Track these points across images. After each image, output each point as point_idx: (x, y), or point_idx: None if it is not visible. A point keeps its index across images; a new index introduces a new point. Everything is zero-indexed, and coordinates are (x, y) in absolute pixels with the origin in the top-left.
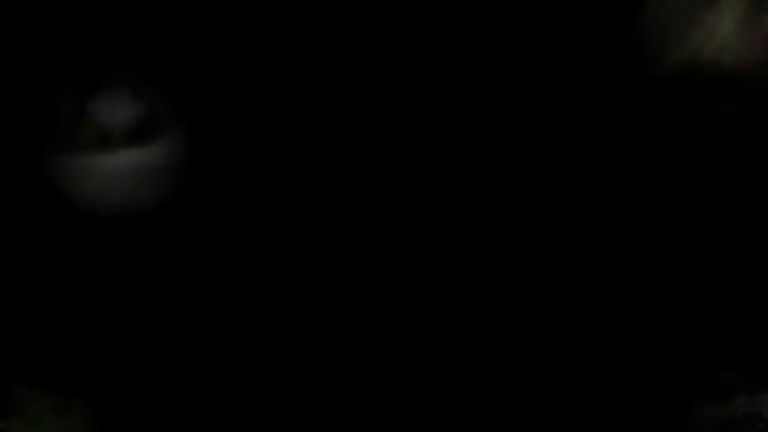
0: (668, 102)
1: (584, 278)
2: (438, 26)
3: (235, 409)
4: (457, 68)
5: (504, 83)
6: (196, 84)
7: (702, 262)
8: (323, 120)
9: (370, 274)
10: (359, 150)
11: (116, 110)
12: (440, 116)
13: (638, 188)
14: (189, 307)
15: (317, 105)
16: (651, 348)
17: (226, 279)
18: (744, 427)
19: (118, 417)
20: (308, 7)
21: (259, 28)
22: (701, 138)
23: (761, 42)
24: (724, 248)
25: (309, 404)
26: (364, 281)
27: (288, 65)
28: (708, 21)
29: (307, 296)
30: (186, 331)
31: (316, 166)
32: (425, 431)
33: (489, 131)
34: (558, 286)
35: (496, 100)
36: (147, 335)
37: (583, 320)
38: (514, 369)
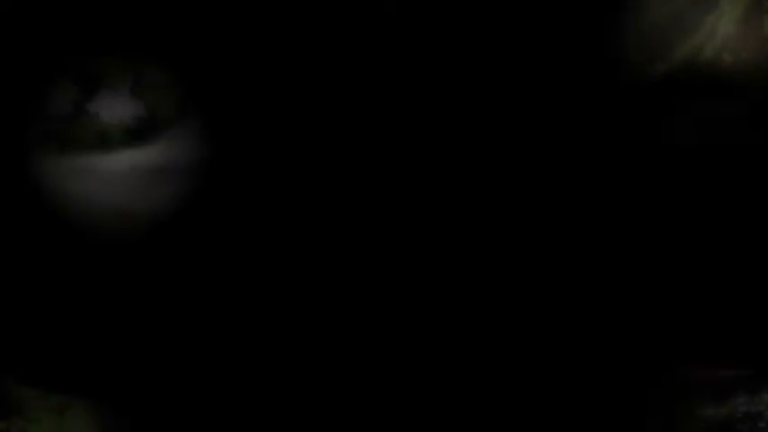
0: (668, 101)
1: (582, 278)
2: (437, 26)
3: (234, 409)
4: (457, 68)
5: (503, 82)
6: (197, 83)
7: (702, 262)
8: (323, 118)
9: (371, 273)
10: (358, 149)
11: (116, 109)
12: (438, 115)
13: (637, 187)
14: (189, 308)
15: (317, 105)
16: (651, 348)
17: (227, 280)
18: (744, 427)
19: (118, 417)
20: (309, 7)
21: (260, 28)
22: (700, 137)
23: (761, 42)
24: (724, 248)
25: (309, 404)
26: (365, 280)
27: (288, 65)
28: (708, 21)
29: (309, 297)
30: (186, 332)
31: (316, 166)
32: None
33: (489, 129)
34: (556, 286)
35: (495, 98)
36: (147, 336)
37: (582, 321)
38: (513, 370)
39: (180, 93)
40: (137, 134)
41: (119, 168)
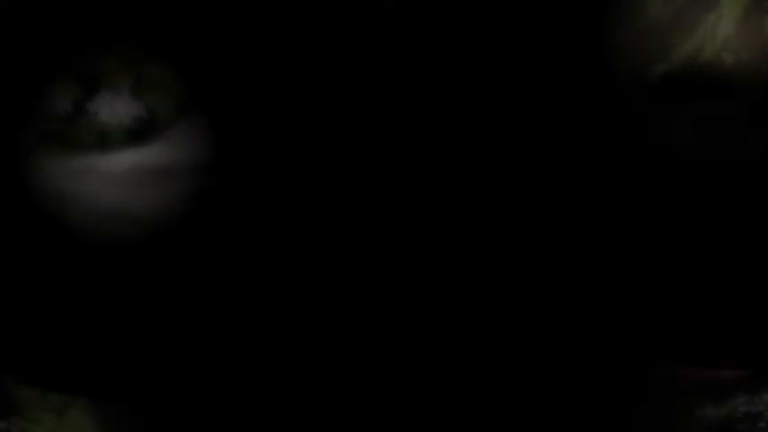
0: (668, 101)
1: (581, 279)
2: (437, 26)
3: (234, 409)
4: (456, 68)
5: (501, 82)
6: (198, 83)
7: (702, 262)
8: (323, 118)
9: (375, 273)
10: (359, 149)
11: (116, 109)
12: (437, 115)
13: (636, 187)
14: (190, 308)
15: (317, 104)
16: (651, 348)
17: (229, 281)
18: (744, 427)
19: (118, 417)
20: (310, 7)
21: (260, 27)
22: (700, 137)
23: (761, 42)
24: (724, 249)
25: (309, 404)
26: (369, 280)
27: (289, 64)
28: (708, 21)
29: (313, 297)
30: (187, 332)
31: (316, 166)
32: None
33: (488, 129)
34: (555, 286)
35: (494, 98)
36: (148, 336)
37: (581, 320)
38: (510, 369)
39: (180, 93)
40: (137, 134)
41: (119, 168)
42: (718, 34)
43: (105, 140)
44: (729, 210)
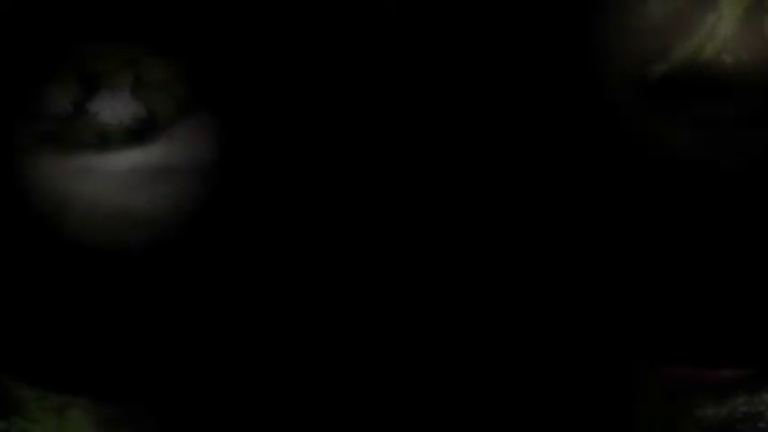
0: (668, 101)
1: (581, 279)
2: (437, 26)
3: (237, 409)
4: (456, 68)
5: (501, 82)
6: (199, 83)
7: (702, 262)
8: (324, 117)
9: (378, 273)
10: (359, 148)
11: (116, 109)
12: (438, 116)
13: (636, 188)
14: (190, 309)
15: (318, 103)
16: (650, 348)
17: (230, 281)
18: (744, 427)
19: (117, 417)
20: (309, 7)
21: (261, 26)
22: (700, 137)
23: (761, 43)
24: (724, 249)
25: (309, 404)
26: (369, 280)
27: (290, 64)
28: (708, 21)
29: (315, 298)
30: (188, 333)
31: (318, 165)
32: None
33: (487, 129)
34: (554, 287)
35: (494, 98)
36: (148, 337)
37: (581, 320)
38: (511, 369)
39: (181, 92)
40: (137, 134)
41: (119, 168)
42: (718, 34)
43: (105, 140)
44: (729, 210)
